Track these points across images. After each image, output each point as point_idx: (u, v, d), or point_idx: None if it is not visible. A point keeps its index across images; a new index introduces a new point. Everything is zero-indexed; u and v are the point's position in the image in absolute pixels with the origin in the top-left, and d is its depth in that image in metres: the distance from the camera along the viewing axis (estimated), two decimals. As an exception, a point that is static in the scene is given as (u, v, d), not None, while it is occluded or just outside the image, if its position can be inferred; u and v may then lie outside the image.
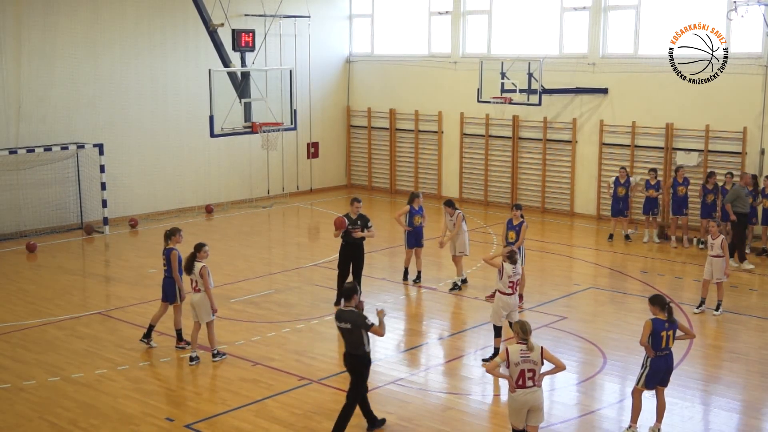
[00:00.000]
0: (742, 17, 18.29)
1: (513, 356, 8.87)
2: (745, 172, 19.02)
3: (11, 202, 20.05)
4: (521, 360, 8.85)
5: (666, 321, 9.79)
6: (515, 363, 8.85)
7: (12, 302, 15.32)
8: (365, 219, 14.77)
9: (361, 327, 9.69)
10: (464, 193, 25.00)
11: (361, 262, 14.87)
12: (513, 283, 12.20)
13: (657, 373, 9.89)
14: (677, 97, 20.58)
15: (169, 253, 12.59)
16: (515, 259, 12.33)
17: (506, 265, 12.16)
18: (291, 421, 10.40)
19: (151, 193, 22.64)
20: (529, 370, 8.87)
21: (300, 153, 26.08)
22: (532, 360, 8.87)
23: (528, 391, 8.90)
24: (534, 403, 8.95)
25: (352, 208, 14.76)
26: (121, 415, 10.60)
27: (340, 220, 14.52)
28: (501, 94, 21.97)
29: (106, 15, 21.36)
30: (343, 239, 14.76)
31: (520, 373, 8.85)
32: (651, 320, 9.83)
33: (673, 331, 9.83)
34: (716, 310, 14.50)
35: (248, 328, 13.86)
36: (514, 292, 12.27)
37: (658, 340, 9.77)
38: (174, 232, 12.71)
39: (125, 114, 21.93)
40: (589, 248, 19.66)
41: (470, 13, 24.42)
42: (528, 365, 8.86)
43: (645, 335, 9.80)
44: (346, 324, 9.73)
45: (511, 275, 12.15)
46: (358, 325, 9.68)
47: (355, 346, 9.79)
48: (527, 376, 8.87)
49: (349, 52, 27.09)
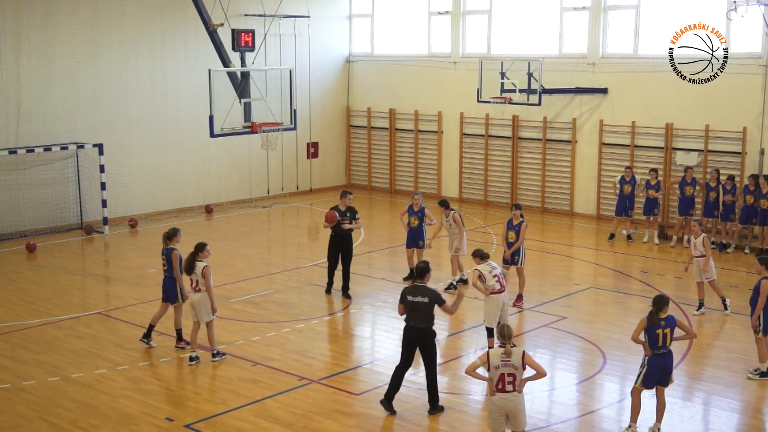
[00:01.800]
0: (742, 17, 18.29)
1: (493, 359, 8.86)
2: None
3: (11, 202, 20.05)
4: (501, 364, 8.82)
5: (662, 319, 9.77)
6: (495, 366, 8.83)
7: (12, 302, 15.32)
8: (353, 211, 15.45)
9: (437, 302, 10.43)
10: (464, 193, 25.00)
11: (349, 252, 15.53)
12: (498, 276, 12.16)
13: (655, 372, 9.88)
14: (677, 97, 20.57)
15: (170, 254, 12.59)
16: (484, 254, 12.39)
17: (480, 267, 12.15)
18: (291, 421, 10.40)
19: (151, 193, 22.64)
20: (509, 375, 8.80)
21: (300, 153, 26.09)
22: (513, 364, 8.81)
23: (507, 396, 8.85)
24: (513, 409, 8.89)
25: (343, 200, 15.38)
26: (121, 415, 10.60)
27: (331, 215, 15.17)
28: (501, 94, 21.96)
29: (106, 15, 21.36)
30: (332, 230, 15.41)
31: (500, 377, 8.82)
32: (646, 317, 9.83)
33: (670, 329, 9.81)
34: (725, 309, 14.50)
35: (248, 328, 13.86)
36: (503, 288, 12.24)
37: (654, 338, 9.75)
38: (174, 232, 12.71)
39: (125, 114, 21.93)
40: (589, 248, 19.66)
41: (470, 13, 24.42)
42: (508, 369, 8.81)
43: (637, 331, 9.82)
44: (424, 298, 10.37)
45: (492, 270, 12.13)
46: (434, 299, 10.41)
47: (425, 319, 10.42)
48: (507, 380, 8.82)
49: (348, 52, 27.08)
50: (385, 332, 14.03)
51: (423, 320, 10.44)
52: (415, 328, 10.48)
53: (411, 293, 10.48)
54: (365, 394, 11.24)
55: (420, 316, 10.43)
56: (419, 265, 10.73)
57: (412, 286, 10.59)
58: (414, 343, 10.55)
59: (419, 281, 10.56)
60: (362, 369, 12.27)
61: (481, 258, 12.35)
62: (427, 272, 10.57)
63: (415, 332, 10.50)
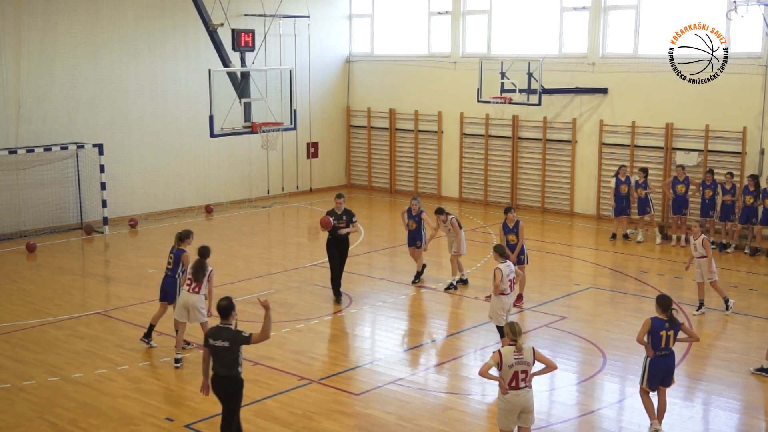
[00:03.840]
0: (742, 17, 18.30)
1: (506, 358, 8.81)
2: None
3: (11, 202, 20.05)
4: (515, 362, 8.81)
5: (666, 321, 9.80)
6: (509, 365, 8.80)
7: (12, 302, 15.32)
8: (350, 214, 15.28)
9: (241, 342, 8.92)
10: (464, 193, 25.00)
11: (345, 253, 15.46)
12: (511, 281, 12.28)
13: (657, 374, 9.89)
14: (677, 97, 20.58)
15: (181, 255, 12.60)
16: (505, 252, 12.46)
17: (502, 266, 12.22)
18: (291, 421, 10.40)
19: (151, 193, 22.64)
20: (522, 371, 8.84)
21: (300, 153, 26.09)
22: (525, 361, 8.84)
23: (520, 392, 8.87)
24: (526, 404, 8.92)
25: (336, 204, 15.24)
26: (121, 415, 10.60)
27: (326, 221, 15.00)
28: (501, 94, 21.97)
29: (106, 15, 21.36)
30: (329, 234, 15.27)
31: (514, 375, 8.82)
32: (650, 319, 9.85)
33: (674, 331, 9.83)
34: (726, 310, 14.50)
35: (248, 328, 13.75)
36: (512, 291, 12.36)
37: (657, 340, 9.78)
38: (187, 234, 12.72)
39: (125, 114, 21.93)
40: (589, 248, 19.66)
41: (470, 13, 24.42)
42: (522, 366, 8.83)
43: (642, 333, 9.84)
44: (224, 342, 8.91)
45: (510, 273, 12.25)
46: (236, 341, 8.91)
47: (229, 366, 8.96)
48: (520, 377, 8.84)
49: (348, 52, 27.09)
50: (385, 332, 14.04)
51: (224, 367, 8.97)
52: (218, 376, 9.04)
53: (212, 336, 9.01)
54: (365, 394, 11.24)
55: (221, 363, 8.97)
56: (221, 302, 9.12)
57: (215, 328, 9.07)
58: (220, 393, 9.14)
59: (223, 322, 9.05)
60: (362, 369, 12.26)
61: (501, 256, 12.36)
62: (230, 311, 9.07)
63: (219, 381, 9.06)
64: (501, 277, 12.13)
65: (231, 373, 8.99)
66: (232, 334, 8.94)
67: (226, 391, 9.09)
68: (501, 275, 12.14)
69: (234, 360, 8.95)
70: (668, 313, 9.85)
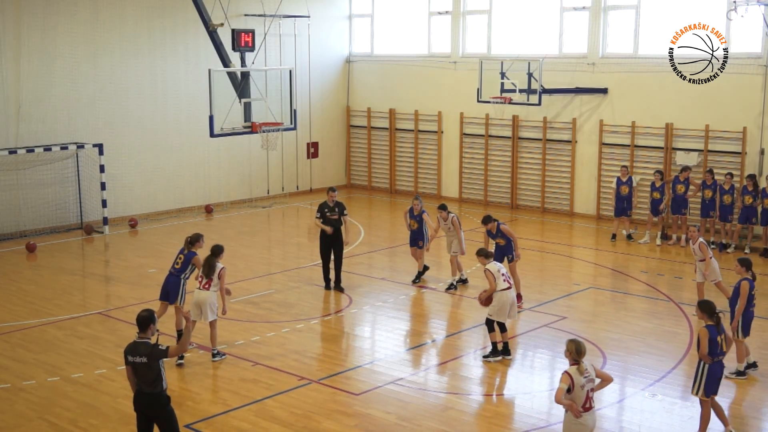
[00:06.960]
0: (742, 17, 18.28)
1: (578, 379, 8.23)
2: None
3: (11, 202, 20.04)
4: (586, 381, 8.29)
5: (716, 325, 9.74)
6: (581, 386, 8.24)
7: (12, 302, 15.32)
8: (342, 206, 15.61)
9: (158, 357, 8.50)
10: (464, 193, 25.00)
11: (340, 248, 15.70)
12: (505, 275, 12.39)
13: (716, 379, 9.78)
14: (677, 97, 20.57)
15: (192, 257, 12.61)
16: (489, 253, 12.76)
17: (490, 266, 12.35)
18: (291, 421, 10.40)
19: (151, 193, 22.64)
20: (591, 390, 8.38)
21: (300, 153, 26.09)
22: (592, 378, 8.39)
23: (592, 412, 8.40)
24: (593, 424, 8.44)
25: (329, 197, 15.60)
26: (121, 415, 10.60)
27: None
28: (501, 94, 21.96)
29: (106, 15, 21.35)
30: (323, 224, 15.60)
31: (586, 396, 8.29)
32: (706, 328, 9.69)
33: (724, 334, 9.83)
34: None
35: (248, 328, 13.86)
36: (511, 285, 12.46)
37: (715, 346, 9.68)
38: (197, 237, 12.75)
39: (125, 114, 21.93)
40: (589, 248, 19.66)
41: (470, 13, 24.42)
42: (590, 384, 8.36)
43: (705, 345, 9.59)
44: (142, 357, 8.48)
45: (500, 269, 12.38)
46: (153, 356, 8.49)
47: (153, 383, 8.54)
48: (590, 395, 8.36)
49: (348, 52, 27.09)
50: (385, 332, 14.03)
51: (147, 384, 8.55)
52: (142, 393, 8.60)
53: (130, 352, 8.58)
54: (365, 394, 11.24)
55: (143, 380, 8.56)
56: (141, 313, 8.70)
57: (132, 344, 8.67)
58: (144, 412, 8.68)
59: (140, 335, 8.64)
60: (362, 369, 12.26)
61: (486, 257, 12.58)
62: (149, 323, 8.65)
63: (142, 399, 8.62)
64: (494, 277, 12.23)
65: (155, 390, 8.55)
66: (149, 349, 8.49)
67: (152, 410, 8.63)
68: (493, 275, 12.25)
69: (157, 376, 8.53)
70: (715, 317, 9.74)
